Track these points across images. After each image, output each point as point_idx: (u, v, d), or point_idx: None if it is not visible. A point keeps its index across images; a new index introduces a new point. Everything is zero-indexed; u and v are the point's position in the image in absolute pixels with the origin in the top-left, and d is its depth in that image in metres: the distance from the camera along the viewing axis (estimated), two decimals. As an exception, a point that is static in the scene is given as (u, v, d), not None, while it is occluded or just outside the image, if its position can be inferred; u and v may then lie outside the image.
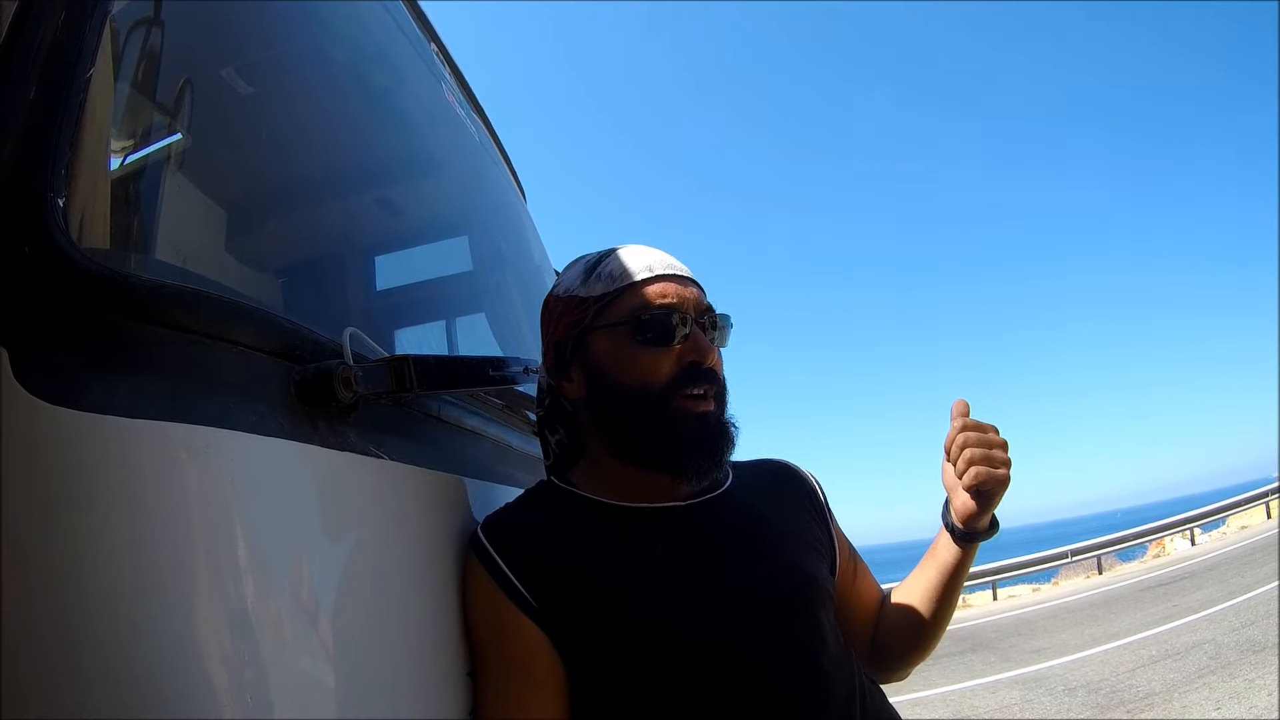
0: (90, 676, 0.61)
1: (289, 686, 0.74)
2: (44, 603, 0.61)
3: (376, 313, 2.10)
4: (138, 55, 0.91)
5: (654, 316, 1.22)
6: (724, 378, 1.28)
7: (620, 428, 1.26)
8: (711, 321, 1.27)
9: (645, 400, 1.22)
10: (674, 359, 1.22)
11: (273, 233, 1.64)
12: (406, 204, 2.08)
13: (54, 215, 0.66)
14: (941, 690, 8.19)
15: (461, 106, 2.31)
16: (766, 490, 1.37)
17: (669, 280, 1.26)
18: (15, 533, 0.61)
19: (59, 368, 0.65)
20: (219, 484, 0.71)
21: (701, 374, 1.22)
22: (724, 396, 1.27)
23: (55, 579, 0.61)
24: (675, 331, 1.22)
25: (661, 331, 1.22)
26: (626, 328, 1.23)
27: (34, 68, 0.71)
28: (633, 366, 1.23)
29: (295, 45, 1.52)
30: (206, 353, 0.77)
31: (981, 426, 1.24)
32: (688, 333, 1.23)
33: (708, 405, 1.23)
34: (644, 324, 1.22)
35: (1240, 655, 7.24)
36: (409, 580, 1.02)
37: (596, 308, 1.26)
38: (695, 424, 1.21)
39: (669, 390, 1.21)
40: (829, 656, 1.19)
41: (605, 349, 1.25)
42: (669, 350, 1.22)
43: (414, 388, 1.01)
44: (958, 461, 1.23)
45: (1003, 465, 1.21)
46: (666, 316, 1.22)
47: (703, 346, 1.23)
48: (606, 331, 1.25)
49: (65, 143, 0.70)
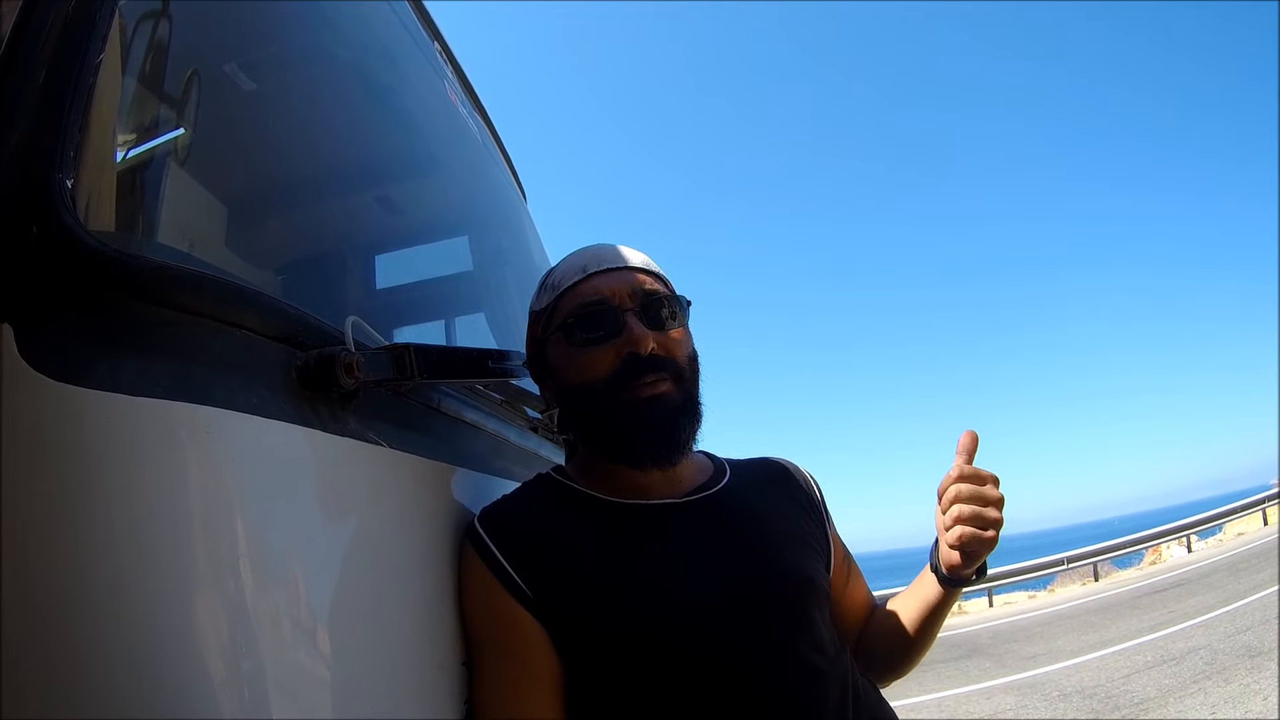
0: (88, 651, 0.62)
1: (283, 670, 0.74)
2: (44, 579, 0.62)
3: (376, 310, 2.11)
4: (146, 44, 0.92)
5: (579, 318, 1.24)
6: (685, 357, 1.27)
7: (584, 428, 1.29)
8: (652, 306, 1.25)
9: (592, 398, 1.23)
10: (611, 355, 1.22)
11: (273, 229, 1.64)
12: (407, 203, 2.09)
13: (61, 196, 0.67)
14: (936, 696, 8.18)
15: (464, 105, 2.32)
16: (764, 488, 1.37)
17: (599, 276, 1.27)
18: (17, 508, 0.61)
19: (64, 345, 0.65)
20: (219, 463, 0.72)
21: (643, 364, 1.21)
22: (685, 376, 1.25)
23: (55, 555, 0.62)
24: (604, 326, 1.23)
25: (587, 331, 1.24)
26: (564, 332, 1.26)
27: (44, 52, 0.73)
28: (575, 369, 1.25)
29: (300, 41, 1.53)
30: (210, 335, 0.78)
31: (980, 477, 1.17)
32: (621, 324, 1.22)
33: (658, 388, 1.21)
34: (571, 327, 1.25)
35: (1236, 660, 7.24)
36: (405, 568, 1.03)
37: (545, 319, 1.30)
38: (644, 410, 1.20)
39: (612, 386, 1.21)
40: (824, 654, 1.20)
41: (555, 357, 1.29)
42: (605, 346, 1.22)
43: (415, 376, 1.02)
44: (946, 513, 1.18)
45: (991, 526, 1.15)
46: (591, 315, 1.23)
47: (636, 336, 1.21)
48: (553, 340, 1.28)
49: (74, 126, 0.71)
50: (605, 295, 1.24)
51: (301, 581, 0.79)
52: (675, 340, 1.26)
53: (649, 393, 1.20)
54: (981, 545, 1.15)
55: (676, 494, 1.27)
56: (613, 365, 1.21)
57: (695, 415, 1.26)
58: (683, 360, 1.25)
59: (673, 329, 1.26)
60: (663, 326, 1.25)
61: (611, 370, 1.21)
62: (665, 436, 1.22)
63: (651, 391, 1.20)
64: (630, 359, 1.21)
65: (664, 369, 1.22)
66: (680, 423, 1.23)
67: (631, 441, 1.22)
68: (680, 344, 1.26)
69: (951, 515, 1.16)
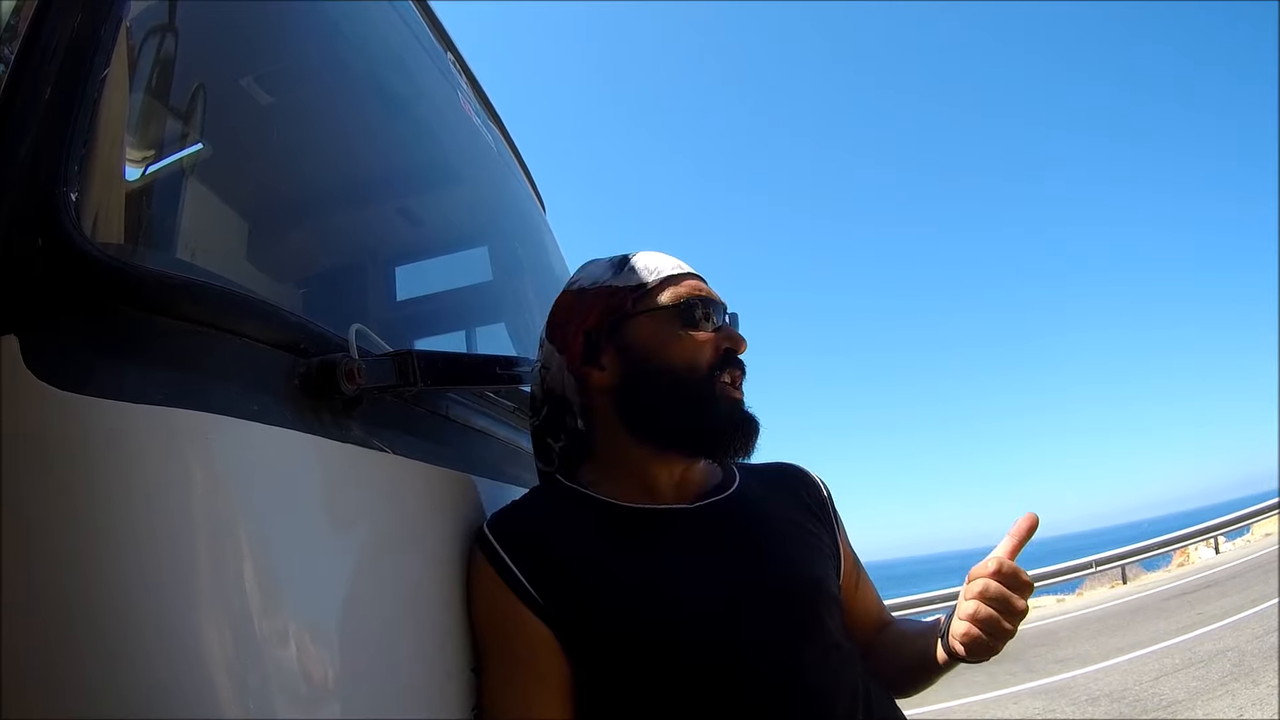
0: (90, 660, 0.63)
1: (288, 678, 0.74)
2: (47, 584, 0.63)
3: (396, 322, 2.12)
4: (153, 58, 0.94)
5: (695, 303, 1.29)
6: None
7: (655, 410, 1.28)
8: (734, 319, 1.33)
9: (690, 381, 1.26)
10: (714, 344, 1.28)
11: (287, 242, 1.66)
12: (423, 214, 2.09)
13: (67, 209, 0.69)
14: (965, 700, 8.11)
15: (479, 116, 2.32)
16: (774, 493, 1.37)
17: (698, 279, 1.35)
18: (21, 514, 0.62)
19: (68, 354, 0.67)
20: (221, 470, 0.73)
21: (737, 361, 1.29)
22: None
23: (58, 561, 0.63)
24: (714, 319, 1.30)
25: (705, 317, 1.29)
26: (671, 312, 1.29)
27: (51, 66, 0.74)
28: (679, 349, 1.27)
29: (310, 53, 1.54)
30: (212, 343, 0.79)
31: (1015, 581, 1.12)
32: (724, 322, 1.31)
33: (740, 393, 1.29)
34: (689, 308, 1.29)
35: (1264, 662, 7.12)
36: (411, 574, 1.03)
37: (635, 295, 1.31)
38: (733, 406, 1.27)
39: (711, 372, 1.26)
40: (833, 658, 1.19)
41: (648, 333, 1.29)
42: (710, 336, 1.28)
43: (417, 382, 1.02)
44: (967, 603, 1.13)
45: (1003, 637, 1.12)
46: (706, 307, 1.29)
47: (739, 337, 1.30)
48: (649, 316, 1.29)
49: (80, 140, 0.72)
50: (714, 295, 1.33)
51: (305, 588, 0.80)
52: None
53: (737, 394, 1.28)
54: (985, 652, 1.14)
55: (687, 499, 1.27)
56: (714, 355, 1.27)
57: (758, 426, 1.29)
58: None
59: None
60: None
61: (712, 359, 1.27)
62: (748, 435, 1.27)
63: (738, 394, 1.29)
64: (728, 353, 1.28)
65: (744, 372, 1.31)
66: (754, 427, 1.28)
67: (721, 429, 1.25)
68: None
69: (971, 613, 1.13)
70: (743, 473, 1.38)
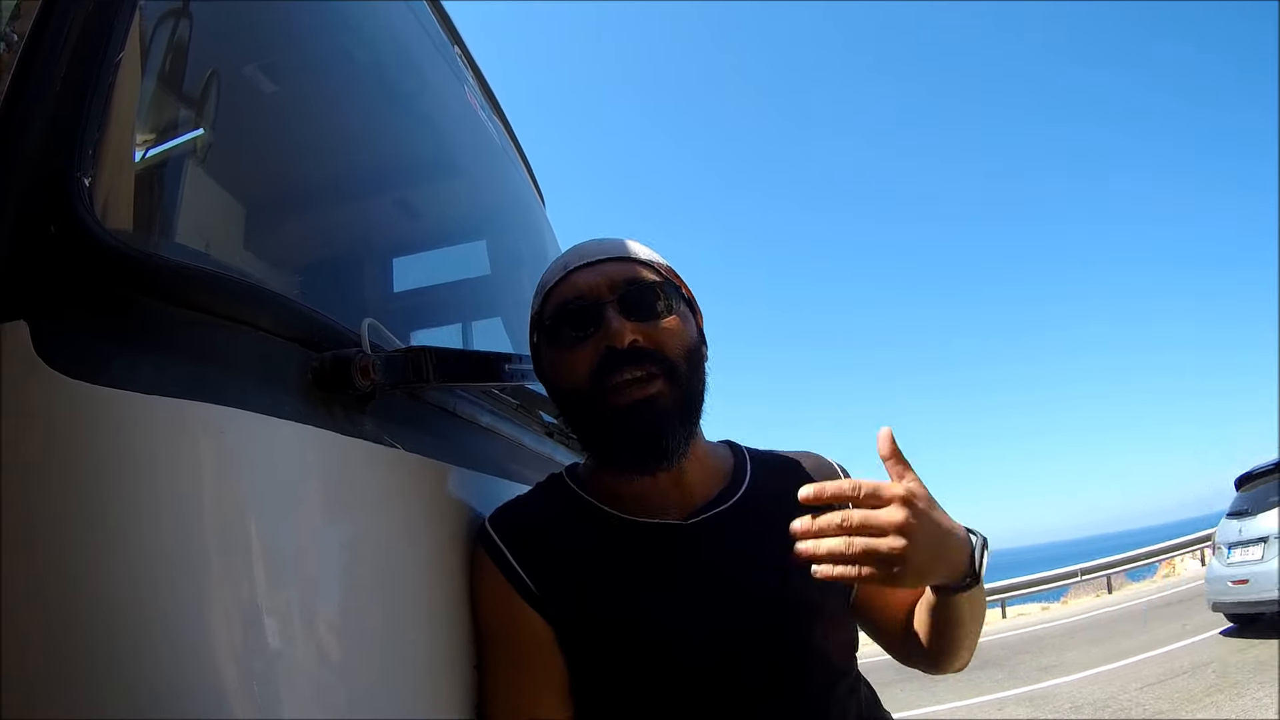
0: (97, 647, 0.62)
1: (293, 669, 0.74)
2: (55, 572, 0.62)
3: (393, 314, 2.11)
4: (166, 44, 0.92)
5: (554, 318, 1.19)
6: (682, 349, 1.17)
7: (577, 434, 1.25)
8: (634, 296, 1.17)
9: (578, 401, 1.18)
10: (591, 351, 1.15)
11: (290, 231, 1.65)
12: (425, 206, 2.09)
13: (80, 194, 0.67)
14: (949, 706, 8.13)
15: (483, 110, 2.32)
16: (783, 496, 1.19)
17: (578, 271, 1.20)
18: (30, 501, 0.61)
19: (80, 343, 0.65)
20: (233, 463, 0.72)
21: (622, 356, 1.12)
22: (682, 370, 1.16)
23: (68, 549, 0.62)
24: (585, 323, 1.16)
25: (561, 330, 1.18)
26: (550, 335, 1.21)
27: (64, 52, 0.73)
28: (558, 373, 1.20)
29: (320, 44, 1.53)
30: (227, 336, 0.78)
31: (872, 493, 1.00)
32: (599, 318, 1.15)
33: (647, 389, 1.13)
34: (556, 327, 1.19)
35: (1248, 675, 7.16)
36: (417, 570, 1.03)
37: (535, 323, 1.26)
38: (630, 414, 1.13)
39: (594, 386, 1.14)
40: (825, 681, 1.17)
41: (547, 362, 1.24)
42: (586, 345, 1.15)
43: (431, 379, 1.01)
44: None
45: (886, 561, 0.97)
46: (569, 314, 1.17)
47: (613, 329, 1.13)
48: (542, 344, 1.24)
49: (93, 125, 0.71)
50: (582, 291, 1.17)
51: (313, 581, 0.79)
52: (666, 330, 1.16)
53: (637, 395, 1.12)
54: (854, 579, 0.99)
55: (684, 509, 1.21)
56: (590, 365, 1.14)
57: (689, 419, 1.18)
58: (674, 352, 1.16)
59: (665, 319, 1.17)
60: (650, 316, 1.16)
61: (591, 368, 1.14)
62: (649, 446, 1.13)
63: (638, 394, 1.12)
64: (609, 353, 1.13)
65: (648, 361, 1.13)
66: (668, 429, 1.14)
67: (613, 449, 1.17)
68: (673, 334, 1.17)
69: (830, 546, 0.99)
70: (754, 468, 1.30)
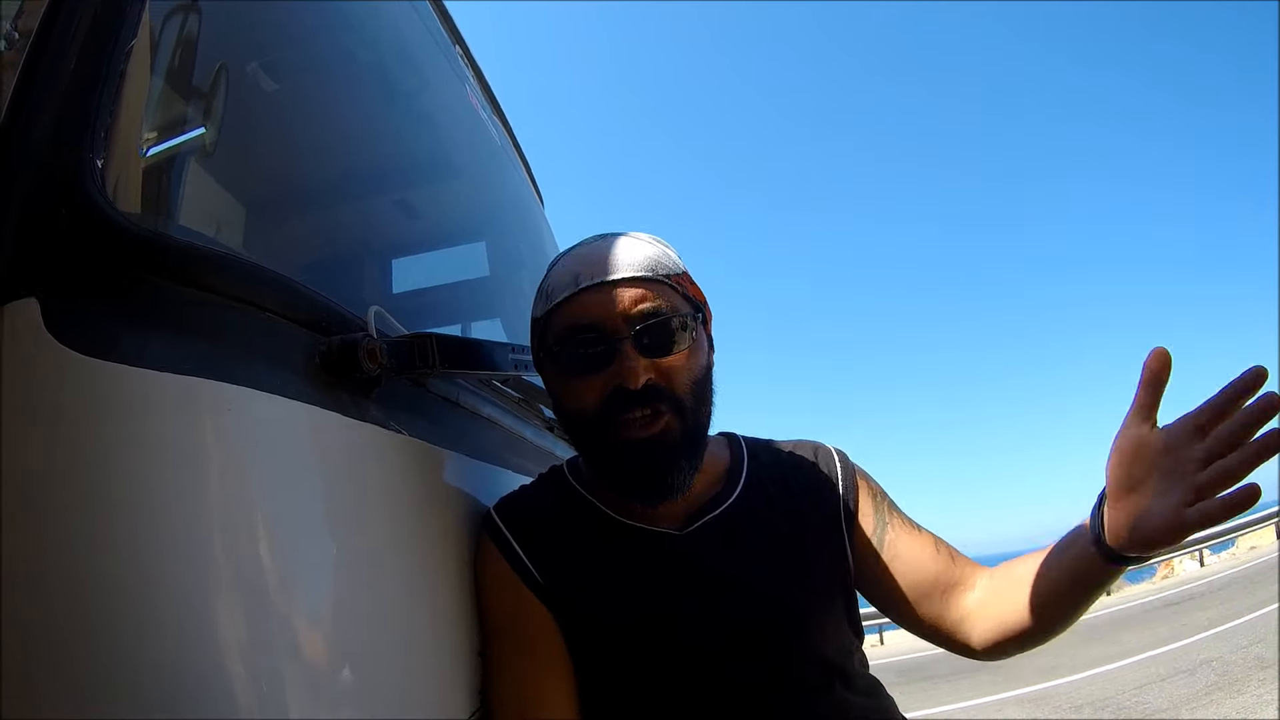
0: (103, 628, 0.62)
1: (296, 651, 0.74)
2: (59, 548, 0.62)
3: (393, 314, 2.11)
4: (177, 36, 0.93)
5: (567, 346, 1.15)
6: (690, 382, 1.16)
7: (580, 450, 1.25)
8: (651, 331, 1.13)
9: (585, 426, 1.17)
10: (601, 385, 1.13)
11: (292, 229, 1.66)
12: (426, 207, 2.10)
13: (93, 176, 0.68)
14: (947, 708, 8.13)
15: (484, 110, 2.33)
16: (780, 492, 1.27)
17: (591, 291, 1.14)
18: (38, 475, 0.62)
19: (90, 321, 0.66)
20: (241, 440, 0.72)
21: (632, 398, 1.11)
22: (689, 406, 1.15)
23: (74, 524, 0.62)
24: (595, 354, 1.13)
25: (574, 362, 1.15)
26: (555, 355, 1.18)
27: (76, 38, 0.73)
28: (567, 394, 1.18)
29: (325, 42, 1.54)
30: (236, 316, 0.79)
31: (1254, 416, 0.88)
32: (614, 352, 1.12)
33: (652, 428, 1.12)
34: (559, 356, 1.17)
35: (1247, 672, 7.16)
36: (422, 555, 1.03)
37: (541, 331, 1.22)
38: (634, 452, 1.12)
39: (603, 418, 1.13)
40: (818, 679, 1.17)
41: (550, 375, 1.23)
42: (596, 376, 1.13)
43: (436, 365, 1.03)
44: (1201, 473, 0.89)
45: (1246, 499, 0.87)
46: (580, 343, 1.14)
47: (625, 369, 1.10)
48: (548, 361, 1.21)
49: (105, 112, 0.71)
50: (596, 319, 1.13)
51: (318, 562, 0.80)
52: (677, 367, 1.14)
53: (644, 433, 1.12)
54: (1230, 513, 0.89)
55: (681, 517, 1.21)
56: (600, 398, 1.13)
57: (695, 451, 1.18)
58: (684, 389, 1.15)
59: (677, 352, 1.14)
60: (663, 351, 1.14)
61: (600, 401, 1.13)
62: (654, 481, 1.14)
63: (647, 432, 1.12)
64: (618, 391, 1.11)
65: (659, 400, 1.12)
66: (674, 465, 1.14)
67: (618, 480, 1.18)
68: (683, 369, 1.15)
69: (1212, 473, 0.88)
70: (751, 463, 1.30)
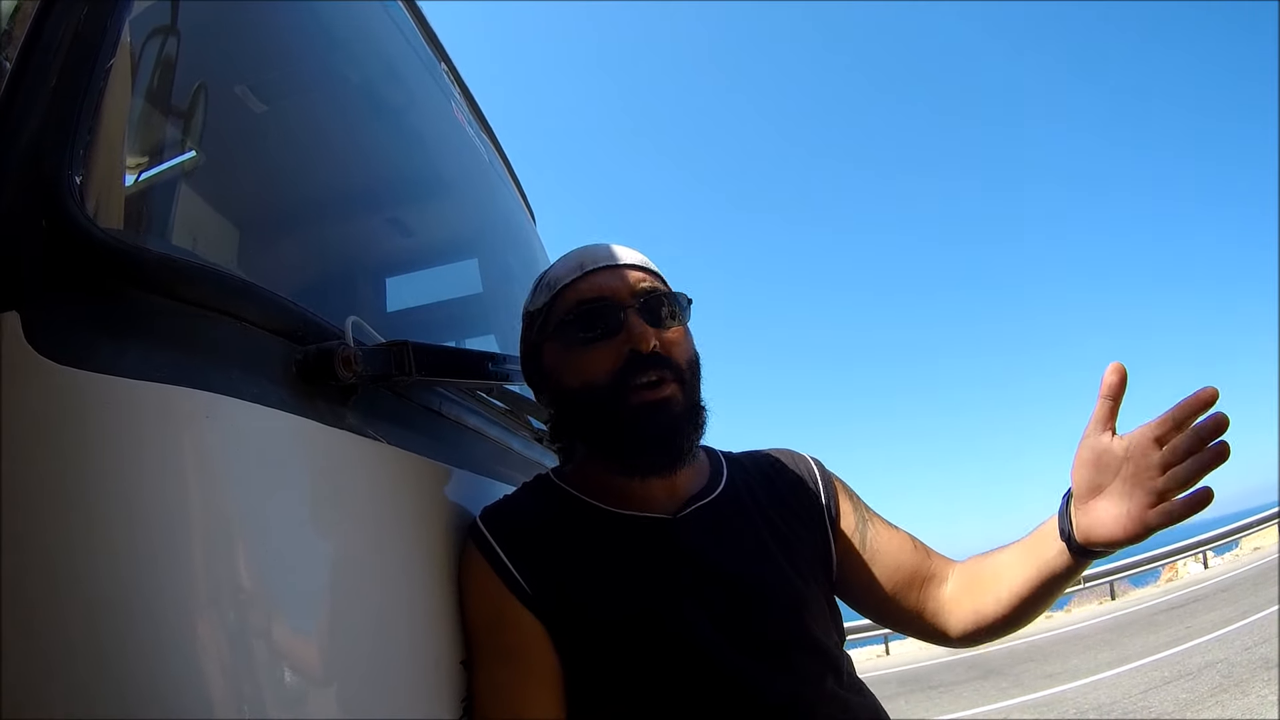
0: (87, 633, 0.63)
1: (276, 661, 0.75)
2: (41, 556, 0.63)
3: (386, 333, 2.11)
4: (156, 55, 0.96)
5: (580, 314, 1.21)
6: (686, 359, 1.23)
7: (583, 432, 1.27)
8: (653, 304, 1.22)
9: (594, 399, 1.19)
10: (613, 353, 1.18)
11: (278, 249, 1.67)
12: (415, 225, 2.10)
13: (71, 191, 0.70)
14: (954, 716, 8.10)
15: (471, 126, 2.34)
16: (760, 490, 1.33)
17: (598, 272, 1.24)
18: (18, 484, 0.63)
19: (69, 331, 0.68)
20: (218, 447, 0.74)
21: (645, 361, 1.17)
22: (688, 379, 1.22)
23: (54, 532, 0.63)
24: (605, 324, 1.19)
25: (589, 326, 1.20)
26: (563, 331, 1.23)
27: (57, 57, 0.76)
28: (575, 368, 1.22)
29: (307, 60, 1.56)
30: (212, 326, 0.81)
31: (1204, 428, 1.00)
32: (622, 321, 1.19)
33: (662, 392, 1.18)
34: (571, 324, 1.21)
35: (1253, 673, 7.13)
36: (402, 563, 1.04)
37: (541, 319, 1.27)
38: (648, 414, 1.17)
39: (615, 385, 1.18)
40: (812, 662, 1.19)
41: (551, 358, 1.26)
42: (606, 345, 1.19)
43: (412, 373, 1.03)
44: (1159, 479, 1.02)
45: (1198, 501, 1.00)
46: (591, 312, 1.20)
47: (637, 333, 1.17)
48: (550, 340, 1.26)
49: (84, 127, 0.73)
50: (605, 292, 1.21)
51: (297, 570, 0.81)
52: (675, 340, 1.22)
53: (653, 396, 1.17)
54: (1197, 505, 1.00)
55: (673, 504, 1.25)
56: (614, 364, 1.18)
57: (698, 422, 1.23)
58: (683, 361, 1.22)
59: (672, 328, 1.23)
60: (663, 324, 1.22)
61: (613, 370, 1.18)
62: (668, 446, 1.19)
63: (655, 395, 1.17)
64: (632, 356, 1.17)
65: (664, 368, 1.18)
66: (683, 430, 1.20)
67: (633, 450, 1.20)
68: (680, 345, 1.23)
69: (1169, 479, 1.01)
70: (730, 466, 1.36)
